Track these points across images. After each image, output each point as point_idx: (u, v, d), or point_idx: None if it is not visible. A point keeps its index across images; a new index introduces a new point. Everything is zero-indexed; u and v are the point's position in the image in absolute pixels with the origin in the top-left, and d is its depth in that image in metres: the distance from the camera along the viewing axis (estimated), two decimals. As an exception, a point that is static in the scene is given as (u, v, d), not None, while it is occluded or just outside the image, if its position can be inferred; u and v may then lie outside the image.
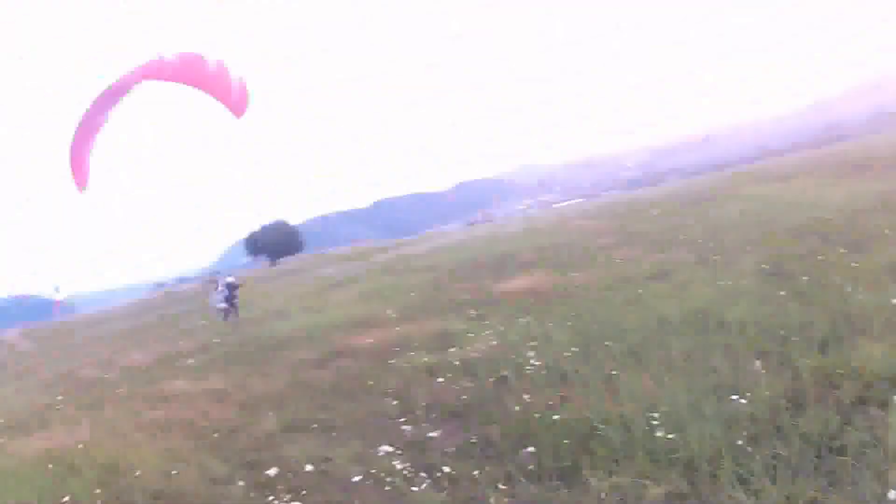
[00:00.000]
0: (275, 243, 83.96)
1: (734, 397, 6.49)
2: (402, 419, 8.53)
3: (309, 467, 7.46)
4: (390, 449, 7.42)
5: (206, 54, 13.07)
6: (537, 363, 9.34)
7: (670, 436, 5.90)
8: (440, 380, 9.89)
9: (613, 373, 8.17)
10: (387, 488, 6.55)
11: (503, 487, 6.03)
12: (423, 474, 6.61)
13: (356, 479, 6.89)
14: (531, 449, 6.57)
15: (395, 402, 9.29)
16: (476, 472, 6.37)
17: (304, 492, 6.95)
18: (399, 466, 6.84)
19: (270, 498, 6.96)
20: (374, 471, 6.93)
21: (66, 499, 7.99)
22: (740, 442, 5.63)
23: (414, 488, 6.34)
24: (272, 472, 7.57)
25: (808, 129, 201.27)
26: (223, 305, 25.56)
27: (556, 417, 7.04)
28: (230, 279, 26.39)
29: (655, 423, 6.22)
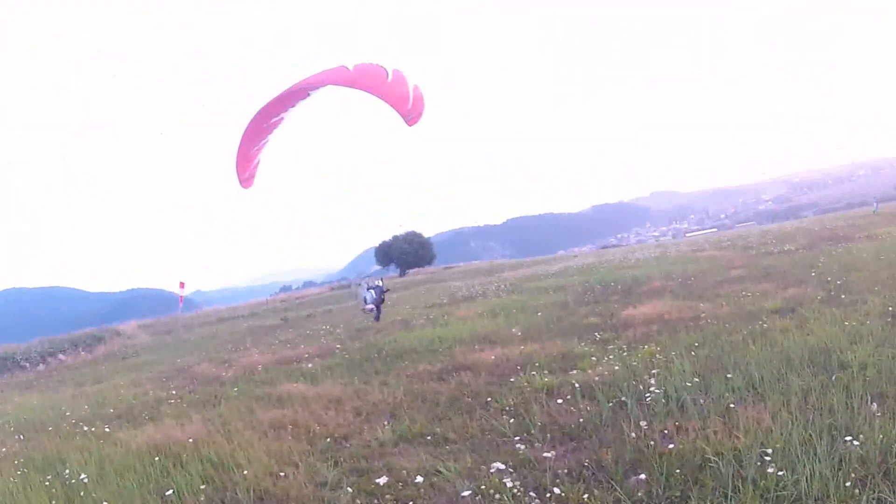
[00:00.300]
0: (406, 254, 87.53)
1: (848, 438, 6.89)
2: (517, 438, 9.03)
3: (419, 478, 8.00)
4: (502, 466, 7.88)
5: (386, 64, 14.49)
6: (657, 391, 9.86)
7: (781, 473, 6.35)
8: (559, 401, 10.50)
9: (731, 406, 8.68)
10: (494, 505, 7.06)
11: (610, 513, 6.50)
12: (532, 494, 7.01)
13: (465, 493, 7.33)
14: (642, 476, 7.07)
15: (511, 420, 9.88)
16: (585, 496, 6.77)
17: (411, 502, 7.52)
18: (509, 484, 7.20)
19: (377, 506, 7.60)
20: (483, 487, 7.34)
21: (170, 492, 8.77)
22: (848, 483, 6.03)
23: (522, 508, 6.82)
24: (382, 480, 8.16)
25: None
26: (371, 307, 27.21)
27: (670, 446, 7.52)
28: (379, 282, 28.17)
29: (768, 458, 6.67)
